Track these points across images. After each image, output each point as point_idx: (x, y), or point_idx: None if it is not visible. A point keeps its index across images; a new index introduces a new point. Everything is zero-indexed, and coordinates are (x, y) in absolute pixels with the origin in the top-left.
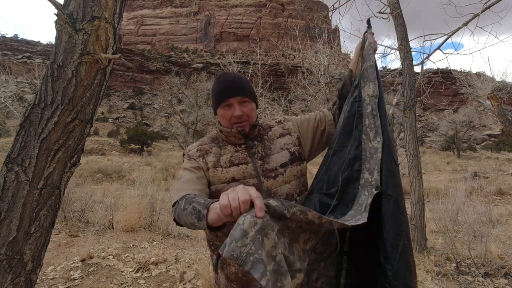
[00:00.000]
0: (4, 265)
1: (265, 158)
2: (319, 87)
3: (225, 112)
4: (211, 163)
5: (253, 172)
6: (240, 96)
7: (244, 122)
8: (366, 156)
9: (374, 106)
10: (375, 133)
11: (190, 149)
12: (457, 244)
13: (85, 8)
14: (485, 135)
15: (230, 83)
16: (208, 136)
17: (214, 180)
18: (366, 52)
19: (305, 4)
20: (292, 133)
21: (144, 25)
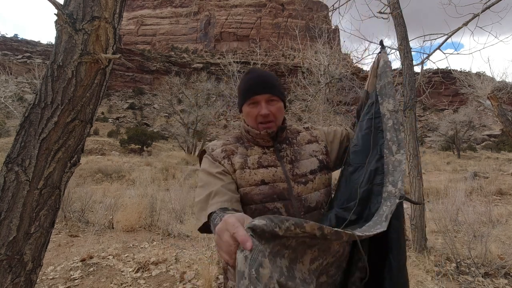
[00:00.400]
0: (4, 265)
1: (295, 162)
2: (319, 87)
3: (251, 110)
4: (238, 164)
5: (282, 176)
6: (268, 93)
7: (271, 122)
8: (389, 169)
9: (396, 121)
10: (398, 146)
11: (214, 149)
12: (457, 244)
13: (85, 8)
14: (485, 135)
15: (258, 80)
16: (232, 135)
17: (241, 183)
18: (382, 70)
19: (305, 4)
20: (320, 141)
21: (144, 25)
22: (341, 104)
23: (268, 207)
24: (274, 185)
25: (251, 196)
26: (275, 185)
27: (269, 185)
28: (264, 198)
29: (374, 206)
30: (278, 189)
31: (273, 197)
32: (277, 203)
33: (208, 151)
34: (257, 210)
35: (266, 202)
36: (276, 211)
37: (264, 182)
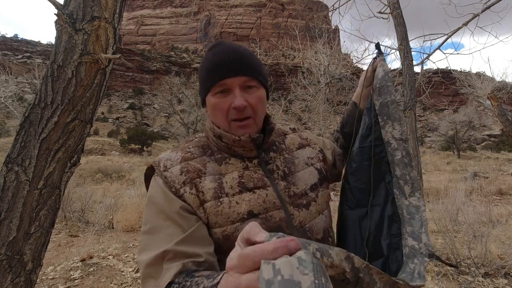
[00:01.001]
0: (4, 265)
1: (289, 176)
2: (319, 87)
3: (218, 102)
4: (209, 192)
5: (276, 201)
6: (244, 76)
7: (248, 119)
8: (404, 216)
9: (405, 153)
10: (412, 187)
11: (168, 167)
12: (457, 244)
13: (85, 8)
14: (485, 135)
15: (229, 56)
16: (193, 143)
17: (218, 220)
18: (381, 83)
19: (305, 4)
20: (313, 145)
21: (144, 25)
22: (341, 104)
23: None
24: (267, 217)
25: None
26: (269, 216)
27: (260, 218)
28: None
29: (394, 264)
30: (273, 222)
31: None
32: None
33: (158, 170)
34: None
35: None
36: None
37: (252, 215)
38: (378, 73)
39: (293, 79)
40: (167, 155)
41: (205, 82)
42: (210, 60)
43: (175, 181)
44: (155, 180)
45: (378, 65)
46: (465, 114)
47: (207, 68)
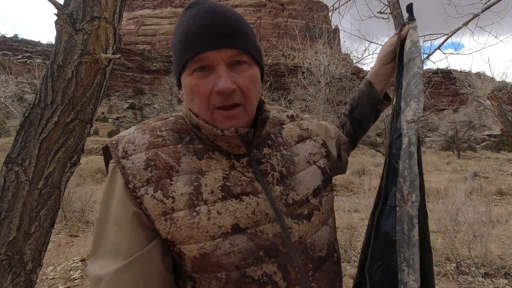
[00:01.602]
0: (4, 265)
1: (287, 179)
2: (319, 87)
3: (196, 83)
4: (182, 199)
5: (270, 211)
6: (231, 47)
7: (236, 107)
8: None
9: (413, 137)
10: (410, 185)
11: (129, 154)
12: (457, 244)
13: (85, 8)
14: (485, 135)
15: (211, 19)
16: (167, 123)
17: (193, 235)
18: (407, 56)
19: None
20: (314, 137)
21: (144, 25)
22: (341, 104)
23: (251, 276)
24: (257, 232)
25: (216, 258)
26: (259, 231)
27: (247, 233)
28: (243, 260)
29: None
30: (265, 239)
31: (258, 255)
32: (267, 266)
33: (115, 155)
34: (231, 283)
35: (247, 267)
36: (267, 280)
37: (238, 229)
38: (407, 45)
39: (293, 79)
40: (130, 135)
41: (179, 57)
42: (185, 25)
43: (136, 176)
44: (111, 169)
45: (408, 36)
46: (465, 114)
47: (181, 36)
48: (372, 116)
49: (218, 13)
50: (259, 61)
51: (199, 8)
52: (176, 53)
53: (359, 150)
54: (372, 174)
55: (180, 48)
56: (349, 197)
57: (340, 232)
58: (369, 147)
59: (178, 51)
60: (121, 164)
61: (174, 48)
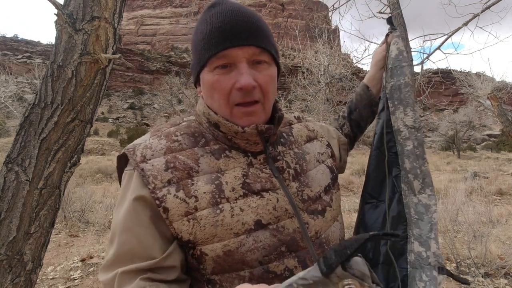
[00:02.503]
0: (4, 265)
1: (301, 176)
2: (319, 87)
3: (217, 79)
4: (205, 197)
5: (288, 207)
6: (253, 46)
7: (256, 104)
8: (412, 216)
9: (417, 143)
10: (423, 182)
11: (148, 158)
12: (457, 244)
13: (85, 8)
14: (485, 135)
15: (235, 18)
16: (181, 128)
17: (218, 232)
18: (394, 63)
19: (305, 4)
20: (320, 138)
21: (144, 25)
22: (341, 104)
23: (274, 271)
24: (278, 228)
25: (240, 255)
26: (281, 227)
27: (270, 229)
28: (266, 256)
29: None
30: (286, 234)
31: (280, 250)
32: (288, 260)
33: (133, 160)
34: (254, 280)
35: (270, 263)
36: (289, 275)
37: (261, 225)
38: (391, 51)
39: (293, 79)
40: (146, 141)
41: (201, 53)
42: (209, 23)
43: (157, 177)
44: (127, 175)
45: (392, 43)
46: (465, 114)
47: (204, 34)
48: (370, 117)
49: (242, 12)
50: (277, 61)
51: (222, 7)
52: (197, 50)
53: (359, 150)
54: None
55: (202, 45)
56: (349, 197)
57: None
58: (369, 147)
59: (200, 48)
60: (140, 167)
61: (195, 45)
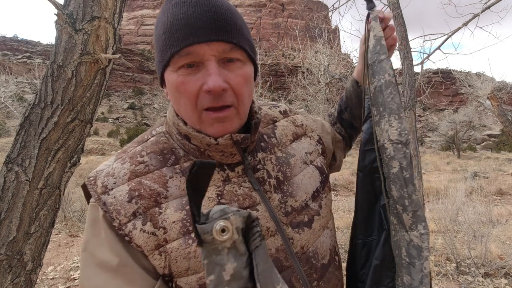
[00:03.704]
0: (4, 265)
1: (284, 185)
2: (319, 87)
3: (182, 80)
4: (175, 227)
5: (270, 224)
6: (223, 41)
7: (228, 109)
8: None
9: (405, 163)
10: (413, 216)
11: (109, 188)
12: (457, 244)
13: (85, 8)
14: (485, 135)
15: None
16: (148, 146)
17: (191, 265)
18: (372, 56)
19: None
20: (310, 133)
21: (144, 25)
22: None
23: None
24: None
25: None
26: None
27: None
28: None
29: None
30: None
31: None
32: None
33: (94, 192)
34: None
35: None
36: None
37: None
38: (370, 41)
39: (293, 79)
40: (108, 168)
41: (163, 50)
42: (170, 15)
43: (120, 211)
44: (91, 208)
45: (370, 29)
46: (465, 114)
47: (165, 27)
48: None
49: (210, 2)
50: (253, 58)
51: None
52: (159, 45)
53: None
54: None
55: (163, 40)
56: (349, 197)
57: (340, 232)
58: None
59: (161, 44)
60: (101, 201)
61: (157, 40)
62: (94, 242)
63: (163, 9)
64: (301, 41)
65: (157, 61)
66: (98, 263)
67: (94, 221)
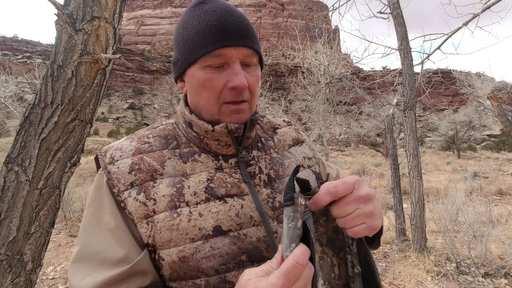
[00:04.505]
0: (4, 265)
1: (275, 182)
2: (319, 87)
3: (209, 77)
4: (163, 200)
5: (255, 214)
6: (247, 47)
7: (243, 103)
8: None
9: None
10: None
11: (116, 160)
12: (457, 244)
13: (85, 8)
14: (485, 135)
15: (230, 17)
16: (155, 131)
17: (173, 237)
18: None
19: (305, 4)
20: (307, 145)
21: (144, 25)
22: (341, 104)
23: (232, 281)
24: (240, 236)
25: (195, 262)
26: (242, 234)
27: (230, 236)
28: (223, 265)
29: None
30: (248, 243)
31: (240, 259)
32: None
33: (103, 162)
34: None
35: (227, 272)
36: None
37: (220, 231)
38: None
39: (293, 79)
40: (119, 143)
41: (193, 49)
42: (203, 20)
43: (120, 180)
44: (98, 176)
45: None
46: (465, 114)
47: (197, 30)
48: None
49: (235, 12)
50: (262, 64)
51: (214, 4)
52: (187, 45)
53: (359, 150)
54: (372, 174)
55: (195, 41)
56: None
57: None
58: (369, 147)
59: (191, 44)
60: (107, 169)
61: (185, 41)
62: (97, 205)
63: (192, 14)
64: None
65: (181, 58)
66: (98, 222)
67: (99, 187)
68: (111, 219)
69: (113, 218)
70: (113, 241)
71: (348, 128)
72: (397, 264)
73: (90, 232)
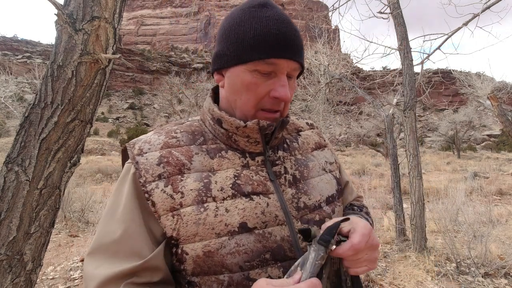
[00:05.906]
0: (4, 265)
1: (300, 183)
2: (319, 87)
3: (256, 82)
4: (191, 194)
5: (280, 213)
6: (295, 61)
7: (277, 113)
8: None
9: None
10: None
11: (144, 152)
12: (457, 244)
13: (85, 8)
14: (485, 135)
15: (289, 29)
16: (182, 126)
17: (199, 231)
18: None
19: (305, 4)
20: (328, 150)
21: (144, 25)
22: (341, 104)
23: (255, 279)
24: (265, 234)
25: (220, 257)
26: (267, 233)
27: (255, 234)
28: (248, 262)
29: None
30: (272, 241)
31: (264, 257)
32: (272, 270)
33: (131, 153)
34: (233, 286)
35: (251, 269)
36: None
37: (246, 228)
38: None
39: None
40: (147, 137)
41: (247, 50)
42: (264, 25)
43: (148, 171)
44: (125, 168)
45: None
46: (465, 114)
47: (256, 33)
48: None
49: (293, 25)
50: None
51: (275, 11)
52: (242, 45)
53: (359, 150)
54: (372, 174)
55: (251, 44)
56: None
57: None
58: (369, 147)
59: (247, 44)
60: (135, 160)
61: (241, 40)
62: (118, 196)
63: (253, 15)
64: None
65: (230, 53)
66: (115, 213)
67: (123, 178)
68: (127, 212)
69: (130, 211)
70: (126, 234)
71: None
72: (397, 264)
73: (107, 222)
